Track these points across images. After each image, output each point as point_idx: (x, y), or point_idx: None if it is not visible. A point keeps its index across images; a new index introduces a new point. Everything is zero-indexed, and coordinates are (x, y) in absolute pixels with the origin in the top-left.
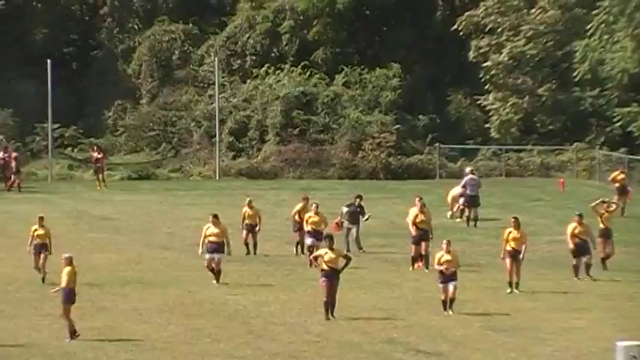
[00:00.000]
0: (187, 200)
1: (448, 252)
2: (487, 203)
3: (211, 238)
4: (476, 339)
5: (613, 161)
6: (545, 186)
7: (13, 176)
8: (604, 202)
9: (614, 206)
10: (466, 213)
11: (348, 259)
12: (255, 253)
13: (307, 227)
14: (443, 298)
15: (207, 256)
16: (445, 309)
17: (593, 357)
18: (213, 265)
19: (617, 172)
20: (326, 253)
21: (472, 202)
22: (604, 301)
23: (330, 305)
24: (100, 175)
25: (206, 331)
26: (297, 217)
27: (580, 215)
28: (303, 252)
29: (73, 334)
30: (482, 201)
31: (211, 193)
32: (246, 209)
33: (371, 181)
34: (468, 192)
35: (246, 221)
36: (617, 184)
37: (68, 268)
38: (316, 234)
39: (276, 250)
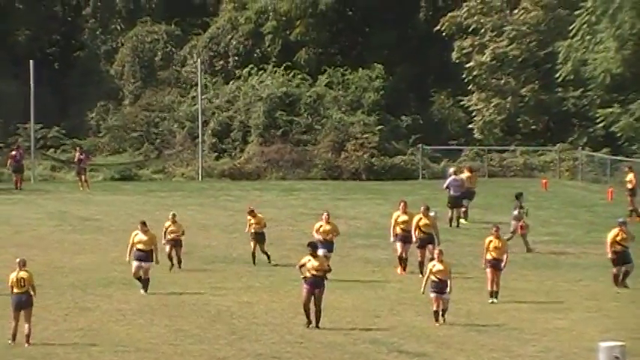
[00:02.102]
0: (170, 201)
1: (440, 261)
2: (470, 204)
3: (139, 246)
4: (459, 339)
5: (595, 162)
6: (528, 186)
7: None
8: None
9: None
10: (449, 214)
11: (328, 270)
12: (180, 267)
13: (318, 236)
14: (435, 308)
15: (135, 263)
16: (437, 320)
17: (577, 357)
18: (141, 274)
19: (628, 173)
20: (309, 260)
21: (455, 202)
22: (587, 301)
23: (315, 315)
24: (83, 176)
25: (189, 332)
26: (249, 228)
27: (624, 223)
28: (254, 263)
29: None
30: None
31: (194, 194)
32: (169, 224)
33: (353, 181)
34: (451, 193)
35: (170, 236)
36: (629, 185)
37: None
38: (327, 244)
39: (259, 251)
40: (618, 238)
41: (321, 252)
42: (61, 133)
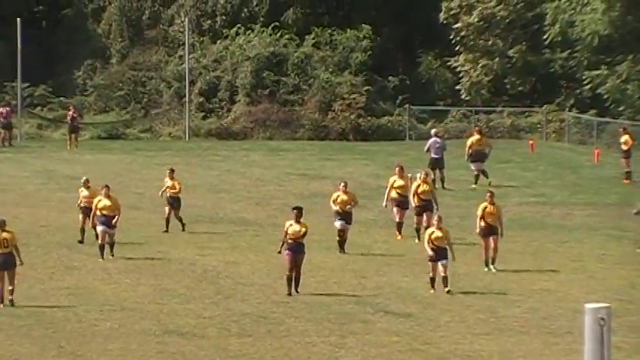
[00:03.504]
0: (157, 160)
1: (439, 228)
2: (456, 165)
3: (104, 212)
4: (444, 300)
5: (582, 123)
6: (515, 148)
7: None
8: None
9: None
10: (431, 175)
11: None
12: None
13: (335, 207)
14: (431, 275)
15: (100, 229)
16: (433, 286)
17: (562, 318)
18: (107, 240)
19: (623, 134)
20: (290, 225)
21: (436, 164)
22: (573, 263)
23: (295, 280)
24: (73, 135)
25: (175, 291)
26: (164, 192)
27: None
28: (167, 229)
29: None
30: (452, 162)
31: (181, 154)
32: (82, 189)
33: (340, 142)
34: (432, 155)
35: (83, 202)
36: (624, 147)
37: None
38: (345, 215)
39: (245, 210)
40: None
41: (338, 224)
42: (48, 92)
